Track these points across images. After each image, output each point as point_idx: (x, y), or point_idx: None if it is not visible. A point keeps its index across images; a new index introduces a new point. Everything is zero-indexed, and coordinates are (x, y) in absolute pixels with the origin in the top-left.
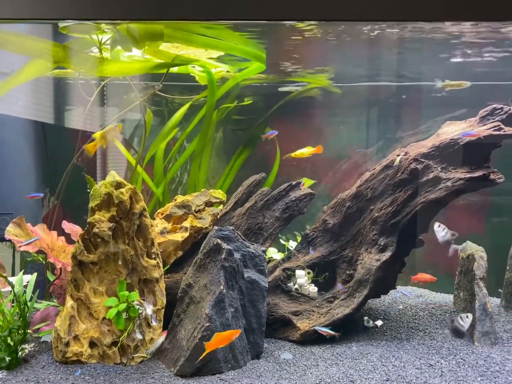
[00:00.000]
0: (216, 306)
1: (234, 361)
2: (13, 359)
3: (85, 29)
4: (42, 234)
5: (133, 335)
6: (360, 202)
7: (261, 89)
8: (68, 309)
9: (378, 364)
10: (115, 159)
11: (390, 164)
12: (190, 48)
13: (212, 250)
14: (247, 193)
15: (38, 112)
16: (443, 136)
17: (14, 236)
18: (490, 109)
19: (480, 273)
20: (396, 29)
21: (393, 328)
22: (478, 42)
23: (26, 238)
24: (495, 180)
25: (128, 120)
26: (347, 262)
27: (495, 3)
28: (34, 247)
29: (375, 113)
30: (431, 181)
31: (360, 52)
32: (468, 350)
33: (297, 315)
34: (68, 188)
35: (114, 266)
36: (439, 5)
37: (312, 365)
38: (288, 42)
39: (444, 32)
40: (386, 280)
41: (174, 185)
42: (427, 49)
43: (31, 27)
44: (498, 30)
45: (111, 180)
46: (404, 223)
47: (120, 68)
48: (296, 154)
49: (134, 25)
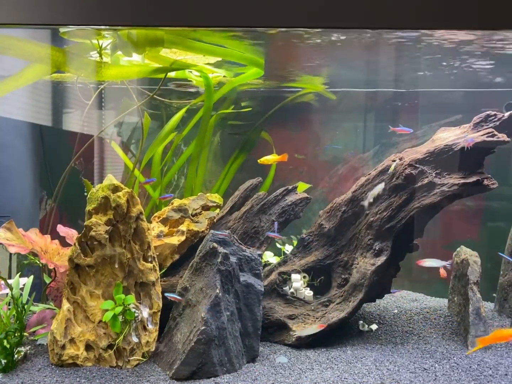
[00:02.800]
0: (212, 310)
1: (229, 365)
2: (9, 362)
3: (86, 34)
4: (34, 238)
5: (129, 338)
6: (356, 207)
7: (258, 94)
8: (65, 312)
9: (373, 368)
10: (112, 162)
11: (385, 169)
12: (188, 54)
13: (208, 253)
14: (243, 197)
15: (35, 114)
16: (437, 142)
17: (5, 240)
18: (484, 116)
19: (474, 278)
20: (393, 34)
21: (388, 332)
22: (474, 49)
23: (17, 242)
24: (488, 186)
25: (125, 123)
26: (343, 266)
27: (488, 13)
28: (26, 249)
29: (371, 118)
30: (425, 186)
31: (356, 57)
32: (461, 355)
33: (293, 318)
34: (65, 191)
35: (111, 269)
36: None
37: (307, 369)
38: (286, 47)
39: (441, 39)
40: (381, 285)
41: (171, 188)
42: (424, 55)
43: (31, 32)
44: (492, 37)
45: (108, 184)
46: (399, 228)
47: (120, 72)
48: (261, 160)
49: (135, 30)
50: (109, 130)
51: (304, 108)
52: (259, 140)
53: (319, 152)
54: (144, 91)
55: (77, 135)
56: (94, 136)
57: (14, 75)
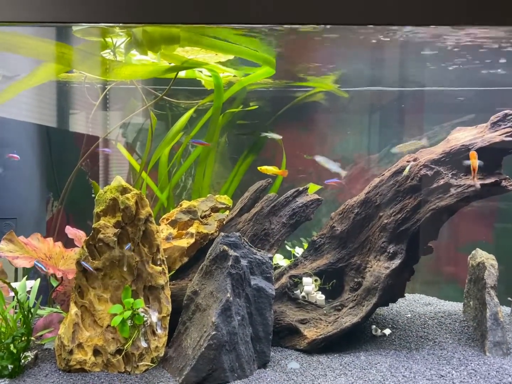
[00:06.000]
0: (223, 314)
1: (240, 371)
2: (15, 367)
3: (99, 33)
4: (37, 244)
5: (138, 343)
6: (369, 209)
7: (267, 94)
8: (72, 316)
9: (388, 374)
10: (117, 163)
11: (399, 170)
12: (199, 53)
13: (218, 256)
14: (253, 198)
15: (42, 116)
16: (453, 142)
17: (8, 253)
18: (502, 115)
19: (491, 282)
20: (404, 33)
21: (402, 337)
22: (489, 47)
23: (21, 252)
24: (506, 187)
25: (131, 124)
26: (355, 270)
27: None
28: (31, 259)
29: (382, 118)
30: (441, 187)
31: (368, 56)
32: (479, 361)
33: (304, 323)
34: (72, 193)
35: (119, 272)
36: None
37: (320, 375)
38: (298, 45)
39: (452, 36)
40: (394, 288)
41: (178, 190)
42: (435, 54)
43: (44, 30)
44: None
45: (117, 185)
46: (414, 230)
47: (134, 71)
48: (261, 168)
49: (150, 28)
50: (115, 131)
51: (314, 107)
52: (268, 141)
53: (327, 153)
54: (151, 91)
55: (83, 136)
56: (100, 138)
57: (25, 76)
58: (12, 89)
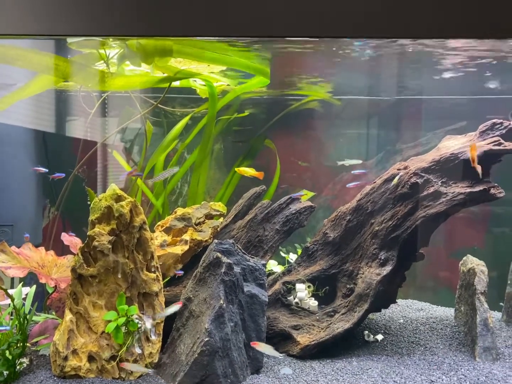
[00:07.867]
0: (216, 321)
1: (233, 376)
2: (11, 373)
3: (93, 44)
4: (29, 253)
5: (132, 349)
6: (361, 216)
7: (262, 101)
8: (67, 323)
9: (379, 380)
10: (114, 170)
11: (390, 178)
12: (192, 63)
13: (212, 263)
14: (247, 205)
15: (39, 122)
16: (443, 150)
17: (0, 263)
18: (490, 124)
19: (481, 288)
20: (397, 43)
21: (394, 343)
22: (479, 56)
23: (13, 263)
24: (495, 194)
25: (128, 129)
26: (348, 276)
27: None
28: (24, 269)
29: (375, 125)
30: (431, 195)
31: (360, 65)
32: (469, 366)
33: (297, 329)
34: (68, 199)
35: (114, 279)
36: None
37: (312, 381)
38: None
39: (443, 46)
40: (386, 294)
41: (174, 196)
42: (427, 62)
43: (39, 42)
44: (498, 44)
45: (111, 193)
46: (405, 237)
47: (127, 82)
48: (239, 169)
49: (144, 40)
50: (111, 138)
51: (308, 115)
52: (263, 147)
53: (322, 159)
54: (147, 99)
55: (80, 142)
56: (97, 145)
57: (21, 86)
58: (7, 100)
